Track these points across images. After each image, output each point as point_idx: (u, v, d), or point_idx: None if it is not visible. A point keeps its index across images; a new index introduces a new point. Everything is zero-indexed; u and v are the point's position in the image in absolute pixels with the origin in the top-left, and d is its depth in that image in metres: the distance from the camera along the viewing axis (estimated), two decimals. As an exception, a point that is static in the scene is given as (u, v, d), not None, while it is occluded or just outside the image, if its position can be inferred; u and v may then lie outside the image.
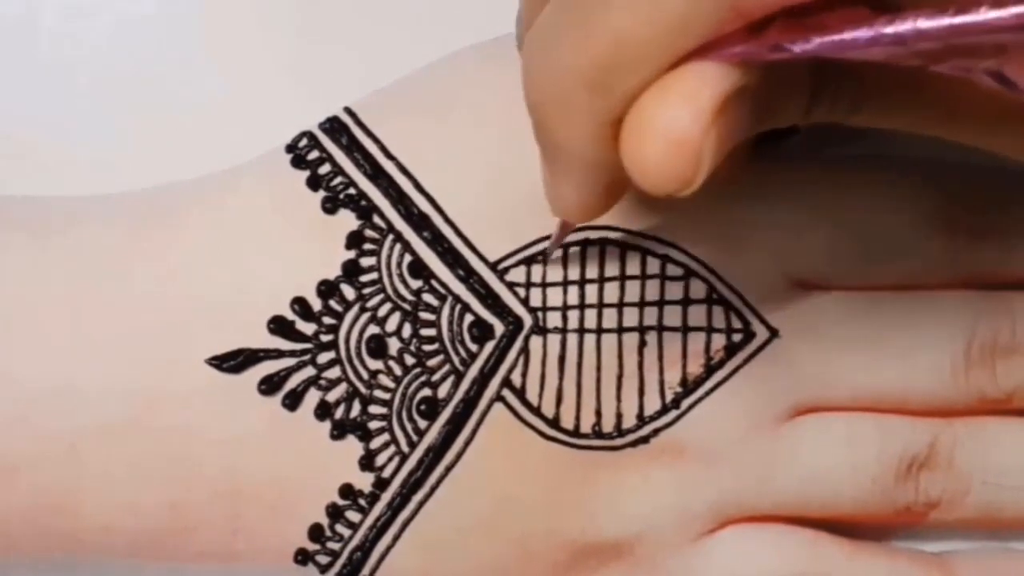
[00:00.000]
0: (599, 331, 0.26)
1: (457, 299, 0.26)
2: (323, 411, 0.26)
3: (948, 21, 0.17)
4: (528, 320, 0.26)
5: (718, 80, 0.18)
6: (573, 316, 0.26)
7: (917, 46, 0.17)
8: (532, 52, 0.20)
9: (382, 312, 0.26)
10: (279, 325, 0.26)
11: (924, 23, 0.17)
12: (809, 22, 0.18)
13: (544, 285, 0.26)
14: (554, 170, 0.21)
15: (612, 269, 0.26)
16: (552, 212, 0.22)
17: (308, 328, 0.26)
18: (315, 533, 0.26)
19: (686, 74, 0.18)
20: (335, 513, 0.26)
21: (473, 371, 0.26)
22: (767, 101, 0.20)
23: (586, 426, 0.26)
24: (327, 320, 0.26)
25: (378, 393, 0.26)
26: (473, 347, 0.26)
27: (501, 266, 0.26)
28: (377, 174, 0.27)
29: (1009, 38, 0.17)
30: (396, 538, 0.26)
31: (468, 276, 0.26)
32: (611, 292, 0.26)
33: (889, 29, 0.17)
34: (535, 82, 0.20)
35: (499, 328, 0.26)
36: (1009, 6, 0.16)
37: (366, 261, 0.26)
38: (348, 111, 0.27)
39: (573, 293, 0.26)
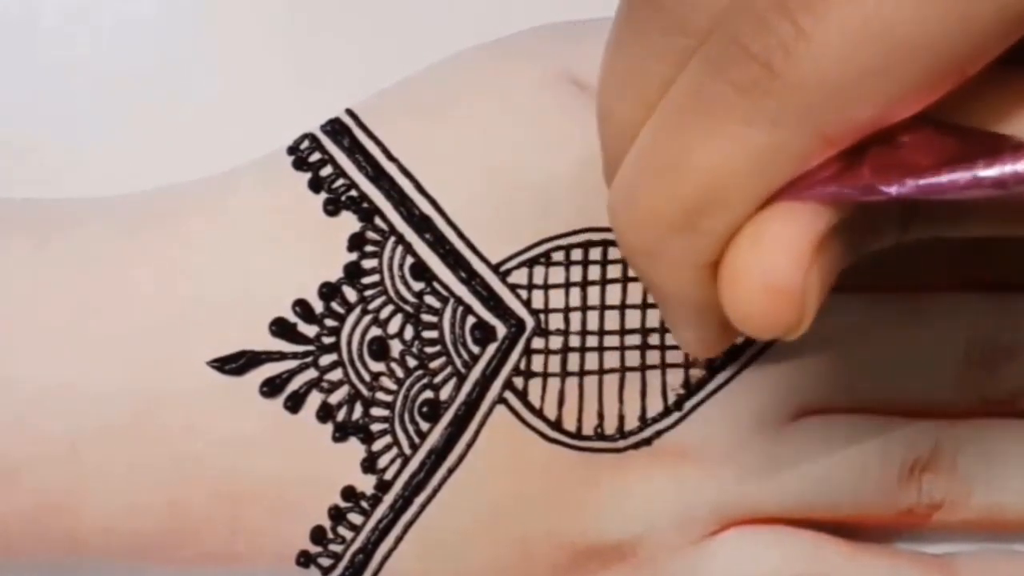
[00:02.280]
0: (601, 333, 0.26)
1: (459, 301, 0.26)
2: (325, 413, 0.26)
3: None
4: (530, 322, 0.26)
5: (812, 221, 0.18)
6: (575, 318, 0.26)
7: (1018, 188, 0.17)
8: (618, 202, 0.19)
9: (384, 314, 0.26)
10: (281, 327, 0.26)
11: (1022, 167, 0.16)
12: (900, 154, 0.17)
13: (546, 287, 0.26)
14: (667, 314, 0.21)
15: (614, 271, 0.26)
16: (682, 349, 0.22)
17: (310, 330, 0.26)
18: (317, 535, 0.26)
19: (779, 217, 0.18)
20: (337, 515, 0.26)
21: (475, 373, 0.26)
22: (863, 229, 0.20)
23: (588, 428, 0.26)
24: (329, 322, 0.26)
25: (380, 395, 0.26)
26: (475, 349, 0.26)
27: (503, 268, 0.26)
28: (379, 176, 0.26)
29: None
30: (398, 540, 0.26)
31: (470, 278, 0.26)
32: (613, 294, 0.26)
33: (989, 172, 0.17)
34: (626, 232, 0.19)
35: (501, 330, 0.26)
36: None
37: (368, 263, 0.26)
38: (350, 113, 0.27)
39: (575, 295, 0.26)
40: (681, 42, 0.18)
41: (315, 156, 0.27)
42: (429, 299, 0.26)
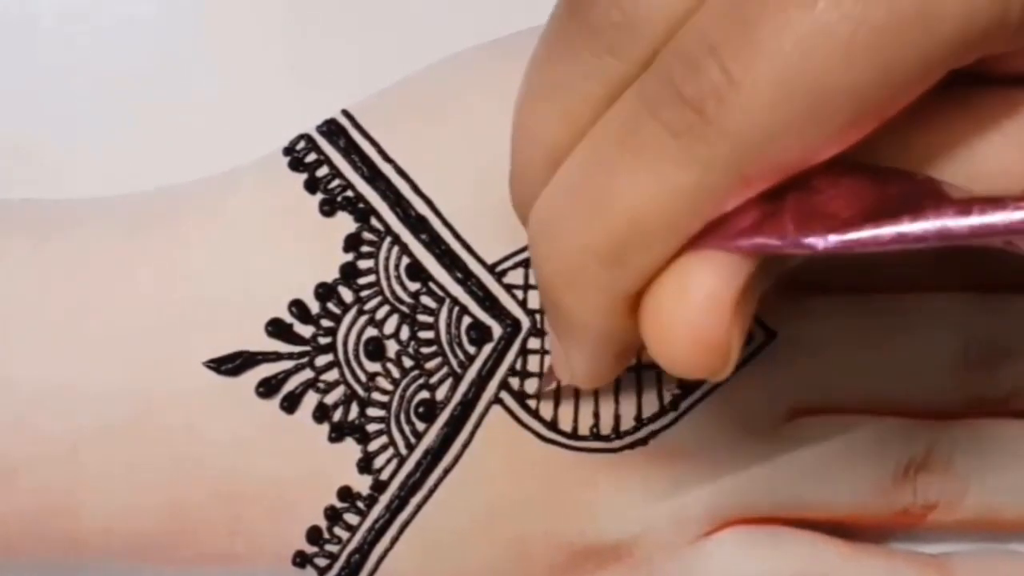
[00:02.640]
0: (597, 333, 0.26)
1: (455, 301, 0.26)
2: (321, 413, 0.26)
3: (974, 222, 0.17)
4: (526, 322, 0.26)
5: (736, 273, 0.18)
6: (571, 318, 0.26)
7: (956, 240, 0.17)
8: (540, 229, 0.20)
9: (380, 314, 0.26)
10: (277, 327, 0.26)
11: (951, 223, 0.17)
12: (820, 201, 0.17)
13: (542, 287, 0.26)
14: (564, 342, 0.21)
15: None
16: (559, 377, 0.22)
17: (306, 331, 0.26)
18: (313, 535, 0.26)
19: (703, 267, 0.18)
20: (333, 515, 0.26)
21: (471, 373, 0.26)
22: (775, 261, 0.20)
23: (584, 428, 0.26)
24: (325, 323, 0.26)
25: (376, 395, 0.26)
26: (471, 349, 0.26)
27: (499, 268, 0.26)
28: (375, 177, 0.27)
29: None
30: (394, 540, 0.26)
31: (466, 278, 0.26)
32: None
33: (912, 229, 0.17)
34: (545, 259, 0.20)
35: (497, 330, 0.26)
36: None
37: (364, 263, 0.26)
38: (346, 113, 0.27)
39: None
40: (610, 63, 0.18)
41: (311, 157, 0.27)
42: (425, 299, 0.26)
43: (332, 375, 0.26)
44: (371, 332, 0.26)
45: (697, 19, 0.17)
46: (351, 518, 0.26)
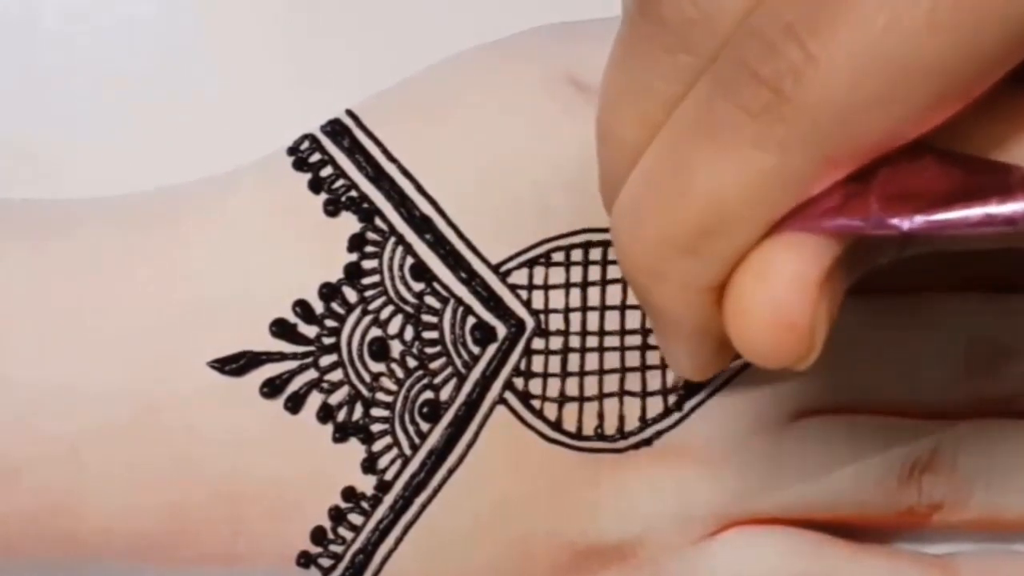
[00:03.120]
0: (601, 333, 0.26)
1: (459, 301, 0.26)
2: (325, 414, 0.26)
3: None
4: (530, 322, 0.26)
5: (820, 254, 0.18)
6: (575, 318, 0.26)
7: None
8: (622, 222, 0.19)
9: (384, 315, 0.26)
10: (281, 328, 0.26)
11: None
12: (906, 182, 0.17)
13: (546, 287, 0.26)
14: (662, 335, 0.20)
15: (615, 271, 0.26)
16: (673, 371, 0.22)
17: (310, 331, 0.26)
18: (317, 536, 0.26)
19: (785, 249, 0.18)
20: (337, 516, 0.26)
21: (475, 374, 0.26)
22: (864, 251, 0.20)
23: (588, 428, 0.26)
24: (329, 323, 0.26)
25: (380, 396, 0.26)
26: (475, 349, 0.26)
27: (503, 268, 0.26)
28: (379, 176, 0.26)
29: None
30: (398, 540, 0.26)
31: (470, 278, 0.26)
32: (614, 294, 0.26)
33: (1001, 210, 0.16)
34: (628, 253, 0.19)
35: (501, 330, 0.26)
36: None
37: (368, 263, 0.26)
38: (350, 113, 0.27)
39: (575, 295, 0.26)
40: (685, 60, 0.18)
41: (315, 157, 0.27)
42: (429, 300, 0.26)
43: (336, 375, 0.26)
44: (375, 332, 0.26)
45: (772, 5, 0.17)
46: (355, 518, 0.26)
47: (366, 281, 0.26)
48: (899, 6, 0.16)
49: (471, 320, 0.26)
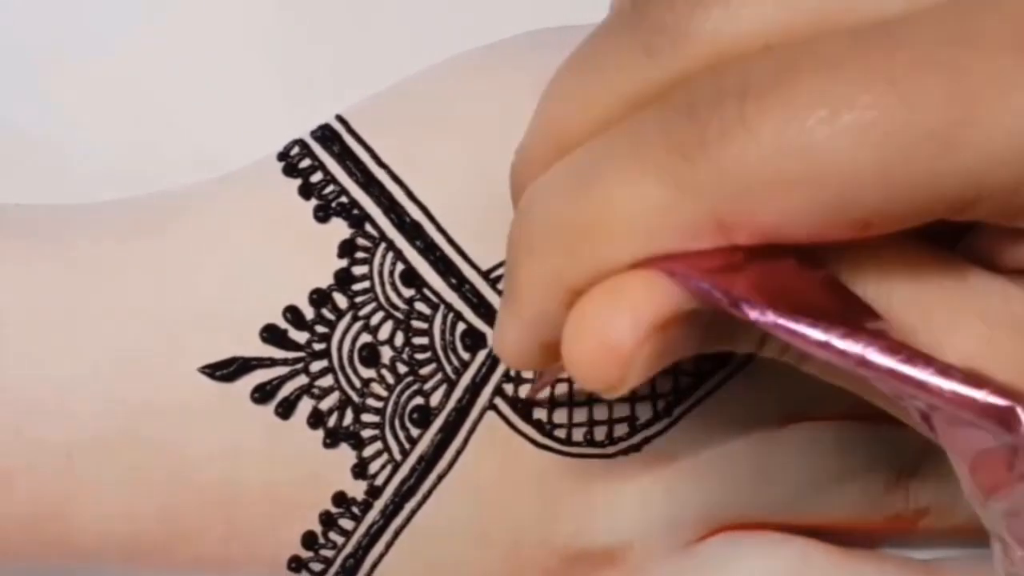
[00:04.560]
0: (591, 339, 0.26)
1: (449, 307, 0.26)
2: (316, 419, 0.26)
3: (894, 365, 0.17)
4: (520, 328, 0.26)
5: (669, 298, 0.18)
6: (565, 324, 0.26)
7: (858, 368, 0.17)
8: (527, 201, 0.20)
9: (374, 321, 0.26)
10: (272, 334, 0.26)
11: (872, 355, 0.17)
12: (780, 282, 0.17)
13: (536, 293, 0.26)
14: (505, 307, 0.21)
15: None
16: (493, 346, 0.22)
17: (301, 337, 0.26)
18: (309, 540, 0.26)
19: (643, 281, 0.18)
20: (328, 521, 0.26)
21: (465, 379, 0.26)
22: (719, 329, 0.20)
23: (578, 434, 0.26)
24: (320, 329, 0.26)
25: (371, 401, 0.26)
26: (465, 355, 0.26)
27: (493, 275, 0.26)
28: (369, 182, 0.27)
29: (940, 404, 0.17)
30: (389, 545, 0.26)
31: (460, 284, 0.26)
32: None
33: (840, 343, 0.17)
34: (518, 223, 0.20)
35: (491, 336, 0.26)
36: (952, 379, 0.17)
37: (358, 270, 0.26)
38: (340, 119, 0.27)
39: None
40: (645, 65, 0.18)
41: (305, 162, 0.27)
42: (419, 306, 0.26)
43: (327, 381, 0.26)
44: (366, 338, 0.26)
45: (749, 62, 0.17)
46: (346, 523, 0.26)
47: (356, 287, 0.26)
48: (841, 107, 0.16)
49: (461, 326, 0.26)
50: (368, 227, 0.26)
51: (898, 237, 0.17)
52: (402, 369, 0.26)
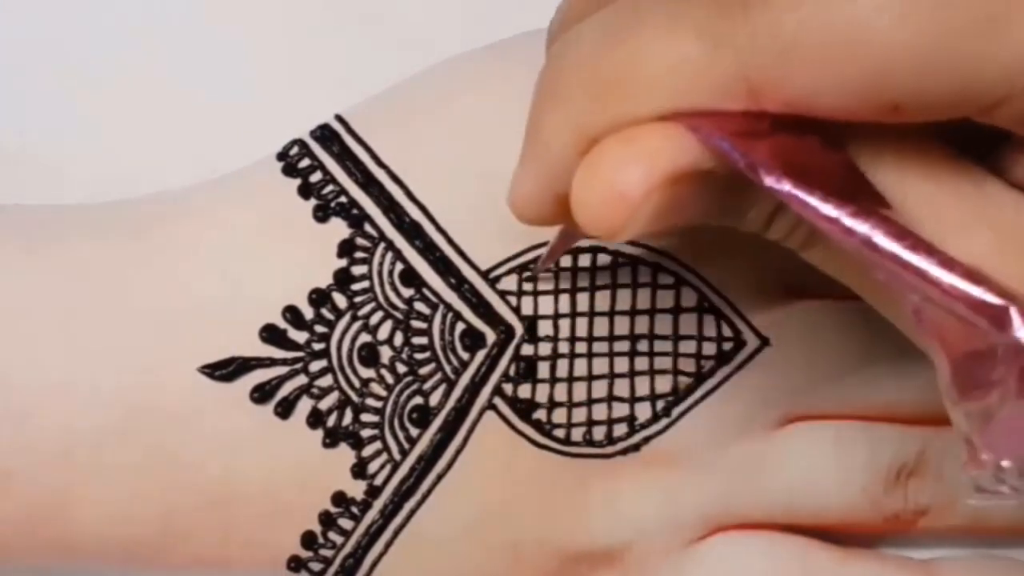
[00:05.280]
0: (590, 339, 0.26)
1: (448, 307, 0.26)
2: (315, 419, 0.26)
3: (897, 250, 0.17)
4: (519, 328, 0.26)
5: (684, 152, 0.18)
6: (564, 324, 0.26)
7: (863, 249, 0.17)
8: (558, 49, 0.20)
9: (374, 320, 0.26)
10: (271, 333, 0.26)
11: (878, 236, 0.17)
12: (800, 155, 0.17)
13: (536, 293, 0.26)
14: (525, 153, 0.20)
15: (603, 277, 0.26)
16: (508, 197, 0.22)
17: (300, 336, 0.26)
18: (308, 540, 0.26)
19: (660, 131, 0.18)
20: (328, 520, 0.26)
21: (464, 379, 0.26)
22: (728, 199, 0.20)
23: (577, 434, 0.26)
24: (319, 328, 0.26)
25: (370, 401, 0.26)
26: (464, 355, 0.26)
27: (492, 274, 0.26)
28: (368, 182, 0.27)
29: (936, 296, 0.17)
30: (388, 545, 0.26)
31: (459, 284, 0.26)
32: (602, 300, 0.26)
33: (848, 221, 0.17)
34: (549, 70, 0.19)
35: (490, 336, 0.26)
36: (953, 271, 0.17)
37: (358, 269, 0.26)
38: (339, 119, 0.27)
39: (564, 301, 0.26)
40: None
41: (305, 162, 0.27)
42: (419, 305, 0.26)
43: (326, 381, 0.26)
44: (365, 338, 0.26)
45: None
46: (345, 523, 0.26)
47: (356, 287, 0.26)
48: None
49: (460, 326, 0.26)
50: (367, 227, 0.26)
51: (922, 133, 0.17)
52: (401, 369, 0.26)
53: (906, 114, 0.17)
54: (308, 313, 0.26)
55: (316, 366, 0.26)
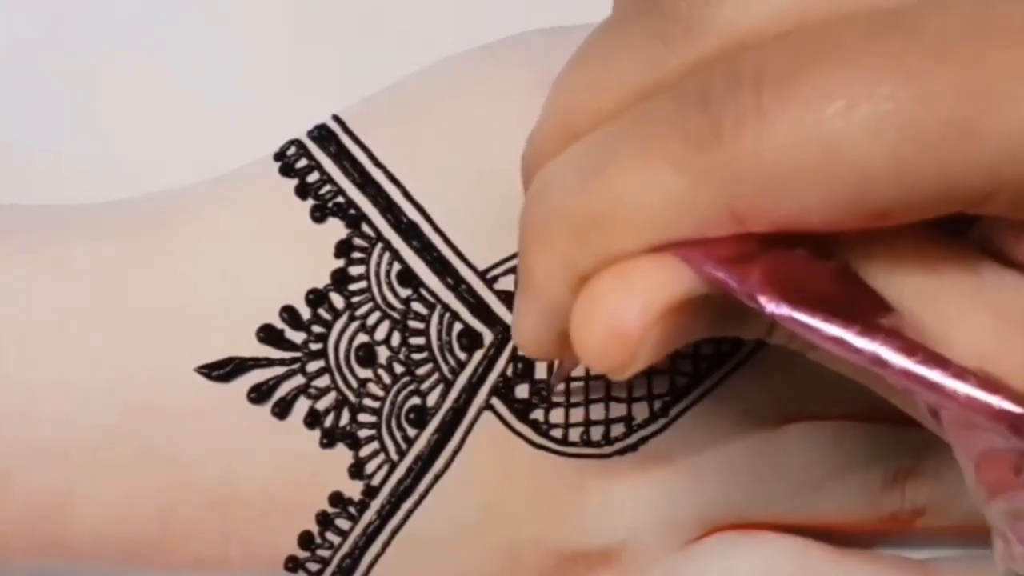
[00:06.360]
0: (587, 339, 0.26)
1: (446, 308, 0.26)
2: (313, 419, 0.26)
3: (909, 366, 0.17)
4: (517, 329, 0.26)
5: (678, 281, 0.18)
6: (562, 325, 0.26)
7: (872, 366, 0.17)
8: (537, 189, 0.20)
9: (371, 321, 0.26)
10: (268, 334, 0.26)
11: (888, 354, 0.17)
12: (794, 272, 0.17)
13: (533, 294, 0.26)
14: (521, 296, 0.21)
15: None
16: (512, 334, 0.22)
17: (297, 337, 0.26)
18: (305, 540, 0.26)
19: (652, 263, 0.18)
20: (325, 521, 0.26)
21: (462, 380, 0.26)
22: (729, 314, 0.20)
23: (574, 434, 0.26)
24: (316, 329, 0.26)
25: (367, 402, 0.26)
26: (462, 356, 0.26)
27: (490, 275, 0.26)
28: (366, 182, 0.27)
29: (953, 406, 0.17)
30: (385, 545, 0.26)
31: (457, 285, 0.26)
32: None
33: (855, 341, 0.17)
34: (529, 213, 0.20)
35: (488, 337, 0.26)
36: (967, 382, 0.17)
37: (355, 270, 0.26)
38: (336, 119, 0.27)
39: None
40: (658, 52, 0.18)
41: (302, 162, 0.27)
42: (416, 306, 0.26)
43: (323, 381, 0.26)
44: (362, 338, 0.26)
45: (763, 51, 0.17)
46: (343, 523, 0.26)
47: (353, 287, 0.26)
48: (858, 99, 0.16)
49: (458, 326, 0.26)
50: (365, 227, 0.26)
51: (911, 227, 0.17)
52: (399, 369, 0.26)
53: (894, 219, 0.17)
54: (305, 313, 0.26)
55: (313, 366, 0.26)
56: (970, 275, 0.18)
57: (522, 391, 0.26)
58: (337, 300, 0.26)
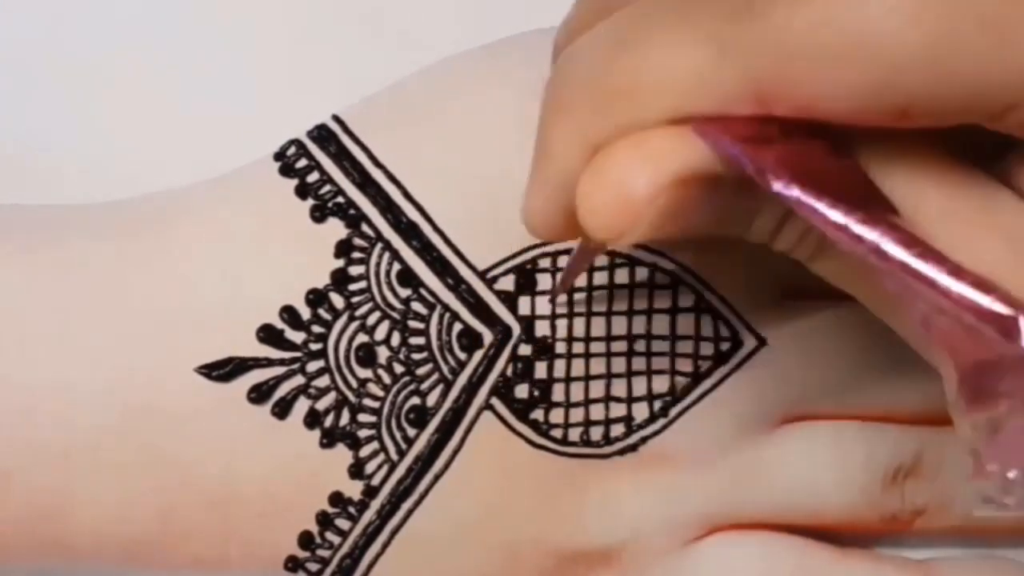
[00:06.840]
0: (587, 340, 0.26)
1: (446, 308, 0.26)
2: (313, 419, 0.26)
3: (907, 258, 0.17)
4: (517, 329, 0.26)
5: (692, 155, 0.18)
6: (562, 325, 0.26)
7: (871, 256, 0.17)
8: (566, 58, 0.20)
9: (371, 321, 0.26)
10: (268, 334, 0.26)
11: (888, 244, 0.17)
12: (808, 160, 0.17)
13: (533, 294, 0.26)
14: (535, 167, 0.20)
15: (601, 278, 0.26)
16: (521, 214, 0.22)
17: (297, 337, 0.26)
18: (305, 540, 0.26)
19: (668, 135, 0.18)
20: (325, 521, 0.26)
21: (462, 380, 0.26)
22: (736, 206, 0.20)
23: (574, 434, 0.26)
24: (316, 329, 0.26)
25: (367, 402, 0.26)
26: (462, 356, 0.26)
27: (490, 275, 0.26)
28: (365, 182, 0.27)
29: (947, 305, 0.17)
30: (385, 545, 0.26)
31: (457, 285, 0.26)
32: (600, 301, 0.26)
33: (857, 228, 0.17)
34: (555, 82, 0.20)
35: (488, 337, 0.26)
36: (962, 280, 0.17)
37: (355, 270, 0.26)
38: (336, 119, 0.27)
39: (562, 301, 0.26)
40: None
41: (302, 162, 0.27)
42: (416, 306, 0.26)
43: (323, 381, 0.26)
44: (362, 338, 0.26)
45: None
46: (342, 523, 0.26)
47: (353, 287, 0.26)
48: None
49: (458, 326, 0.26)
50: (365, 227, 0.26)
51: (932, 143, 0.17)
52: (399, 369, 0.26)
53: (915, 119, 0.17)
54: (305, 313, 0.26)
55: (313, 366, 0.26)
56: (985, 197, 0.18)
57: (522, 391, 0.26)
58: (337, 300, 0.26)
